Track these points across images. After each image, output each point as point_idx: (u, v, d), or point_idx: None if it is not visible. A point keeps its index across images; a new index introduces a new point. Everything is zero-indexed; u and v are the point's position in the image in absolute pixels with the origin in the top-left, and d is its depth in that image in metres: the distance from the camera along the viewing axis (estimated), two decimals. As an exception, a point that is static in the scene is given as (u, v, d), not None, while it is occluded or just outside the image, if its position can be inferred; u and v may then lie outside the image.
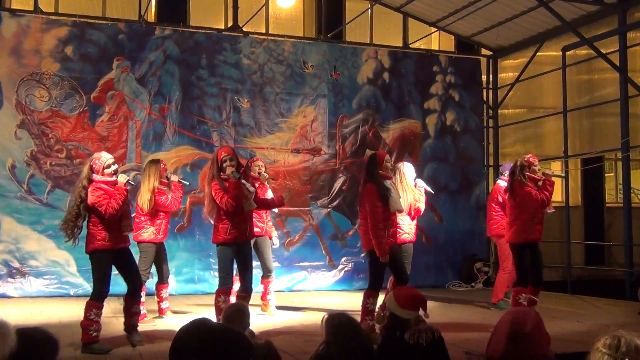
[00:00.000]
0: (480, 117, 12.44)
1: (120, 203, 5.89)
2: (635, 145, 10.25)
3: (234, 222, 6.36)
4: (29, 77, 9.74)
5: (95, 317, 5.85)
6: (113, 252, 5.97)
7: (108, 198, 5.85)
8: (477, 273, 11.46)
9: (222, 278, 6.47)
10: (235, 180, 6.34)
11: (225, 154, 6.47)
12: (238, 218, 6.38)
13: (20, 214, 9.52)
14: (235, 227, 6.37)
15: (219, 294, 6.40)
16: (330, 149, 11.20)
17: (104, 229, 5.90)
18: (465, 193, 12.03)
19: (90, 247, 5.95)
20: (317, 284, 10.83)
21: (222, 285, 6.44)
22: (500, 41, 12.31)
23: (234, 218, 6.36)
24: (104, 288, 5.97)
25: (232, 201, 6.26)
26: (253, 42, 11.00)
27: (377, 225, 6.29)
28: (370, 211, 6.33)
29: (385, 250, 6.28)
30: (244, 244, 6.53)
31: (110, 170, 6.01)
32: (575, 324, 7.38)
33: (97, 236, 5.90)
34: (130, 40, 10.29)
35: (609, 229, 13.58)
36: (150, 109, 10.27)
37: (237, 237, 6.39)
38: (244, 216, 6.45)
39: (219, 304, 6.32)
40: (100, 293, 5.95)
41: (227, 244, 6.40)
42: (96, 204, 5.82)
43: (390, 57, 11.77)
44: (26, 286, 9.42)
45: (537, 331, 2.93)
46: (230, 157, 6.44)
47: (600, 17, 10.55)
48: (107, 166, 6.01)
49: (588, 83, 11.19)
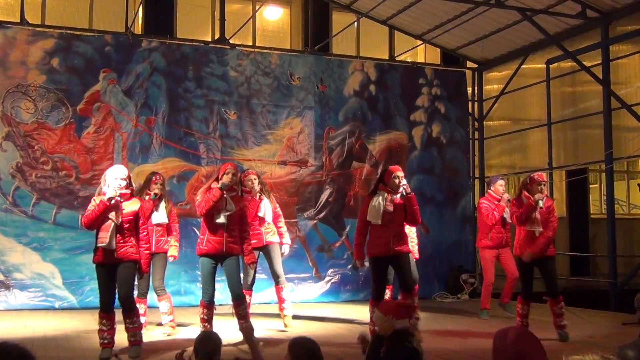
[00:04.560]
0: (465, 129, 12.51)
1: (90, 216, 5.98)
2: (618, 157, 10.36)
3: (209, 234, 6.56)
4: (15, 89, 9.70)
5: (103, 327, 6.02)
6: (109, 266, 6.01)
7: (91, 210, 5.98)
8: (463, 284, 11.50)
9: (202, 289, 6.72)
10: (218, 189, 6.44)
11: (231, 167, 6.66)
12: (212, 230, 6.55)
13: (5, 226, 9.44)
14: (209, 240, 6.56)
15: (200, 306, 6.72)
16: (316, 160, 11.23)
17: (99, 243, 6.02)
18: (451, 205, 12.08)
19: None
20: (303, 296, 10.80)
21: (202, 297, 6.70)
22: (486, 54, 12.42)
23: (209, 229, 6.57)
24: (103, 299, 6.07)
25: (203, 203, 6.49)
26: (240, 55, 11.03)
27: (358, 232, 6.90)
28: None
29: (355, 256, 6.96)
30: (222, 257, 6.59)
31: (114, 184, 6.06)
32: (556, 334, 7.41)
33: (96, 250, 6.06)
34: (117, 52, 10.28)
35: (594, 240, 13.70)
36: (137, 120, 10.25)
37: (210, 249, 6.55)
38: (218, 228, 6.54)
39: (200, 315, 6.66)
40: (102, 303, 6.07)
41: (203, 255, 6.63)
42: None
43: (376, 69, 11.83)
44: (11, 299, 9.33)
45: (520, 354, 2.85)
46: (234, 172, 6.63)
47: (584, 30, 10.68)
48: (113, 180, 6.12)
49: (572, 96, 11.31)
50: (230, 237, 6.60)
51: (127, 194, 6.13)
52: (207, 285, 6.62)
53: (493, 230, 8.71)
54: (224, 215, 6.50)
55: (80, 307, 9.39)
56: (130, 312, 6.13)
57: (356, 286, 11.17)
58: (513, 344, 2.83)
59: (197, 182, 10.38)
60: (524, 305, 7.29)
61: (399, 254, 6.80)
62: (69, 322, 8.21)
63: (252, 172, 7.84)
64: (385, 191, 6.73)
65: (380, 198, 6.70)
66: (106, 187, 6.05)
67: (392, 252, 6.75)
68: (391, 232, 6.73)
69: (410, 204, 6.75)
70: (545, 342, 2.88)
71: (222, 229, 6.54)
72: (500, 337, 2.89)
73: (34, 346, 6.34)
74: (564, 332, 7.15)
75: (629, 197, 15.67)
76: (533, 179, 7.28)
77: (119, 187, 6.04)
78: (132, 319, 6.12)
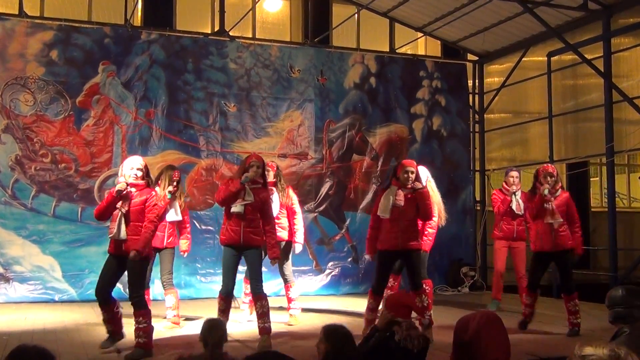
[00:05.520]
0: (466, 122, 12.48)
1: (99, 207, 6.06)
2: (619, 150, 10.32)
3: (228, 225, 6.46)
4: (14, 81, 9.67)
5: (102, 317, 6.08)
6: (118, 257, 5.97)
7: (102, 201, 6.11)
8: (463, 277, 11.49)
9: (222, 281, 6.53)
10: (238, 181, 6.35)
11: (255, 160, 6.49)
12: (230, 220, 6.44)
13: (5, 219, 9.43)
14: (228, 230, 6.44)
15: (218, 298, 6.55)
16: (317, 153, 11.20)
17: None
18: (451, 198, 12.02)
19: None
20: (304, 289, 10.76)
21: (221, 289, 6.52)
22: (486, 46, 12.38)
23: (227, 219, 6.47)
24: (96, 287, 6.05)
25: (221, 194, 6.42)
26: (240, 47, 10.98)
27: (370, 226, 6.82)
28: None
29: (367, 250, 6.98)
30: (242, 247, 6.43)
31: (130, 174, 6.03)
32: (561, 328, 7.40)
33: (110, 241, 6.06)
34: (116, 44, 10.24)
35: (594, 233, 13.67)
36: (136, 113, 10.22)
37: (228, 238, 6.44)
38: (235, 219, 6.40)
39: (218, 306, 6.50)
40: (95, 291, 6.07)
41: (224, 244, 6.51)
42: None
43: (376, 62, 11.79)
44: (10, 292, 9.32)
45: (482, 336, 2.78)
46: (259, 165, 6.47)
47: (585, 23, 10.63)
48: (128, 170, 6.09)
49: (573, 88, 11.27)
50: (249, 227, 6.41)
51: (142, 185, 6.03)
52: (225, 277, 6.45)
53: (503, 222, 8.80)
54: (240, 204, 6.36)
55: (80, 299, 9.38)
56: (136, 310, 5.88)
57: (356, 279, 11.17)
58: (476, 325, 2.80)
59: (197, 175, 10.38)
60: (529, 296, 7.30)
61: (408, 249, 6.65)
62: (69, 315, 8.20)
63: (269, 164, 7.68)
64: (397, 185, 6.64)
65: (390, 192, 6.64)
66: (121, 177, 6.03)
67: (401, 247, 6.61)
68: (400, 227, 6.57)
69: (422, 199, 6.59)
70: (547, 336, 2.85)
71: (239, 218, 6.39)
72: (459, 330, 2.87)
73: (34, 339, 6.35)
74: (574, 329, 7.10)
75: (630, 190, 15.65)
76: (545, 170, 7.30)
77: (135, 178, 5.96)
78: (137, 318, 5.86)
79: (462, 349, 2.80)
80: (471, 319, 2.87)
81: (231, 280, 6.46)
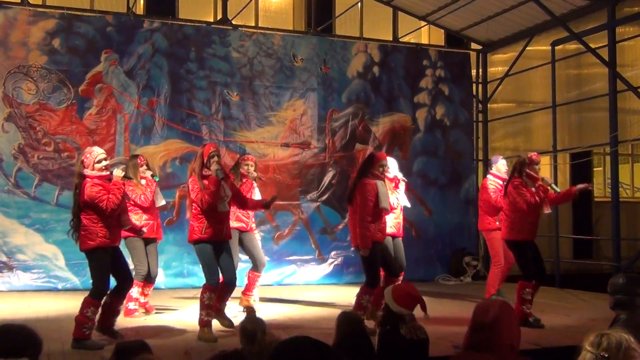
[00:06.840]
0: (469, 111, 12.45)
1: (120, 198, 5.85)
2: (623, 140, 10.29)
3: (209, 222, 6.20)
4: (16, 70, 9.65)
5: (91, 315, 5.83)
6: (112, 249, 5.93)
7: (107, 193, 5.77)
8: (465, 267, 11.50)
9: (208, 274, 6.30)
10: (216, 178, 6.17)
11: (214, 149, 6.38)
12: (214, 218, 6.21)
13: (8, 208, 9.44)
14: (210, 227, 6.20)
15: (205, 290, 6.25)
16: (319, 142, 11.18)
17: (105, 226, 5.81)
18: (454, 187, 12.05)
19: (91, 244, 5.83)
20: (306, 278, 10.82)
21: (208, 281, 6.28)
22: (490, 35, 12.32)
23: (210, 217, 6.20)
24: (105, 286, 5.92)
25: (208, 198, 6.11)
26: (242, 35, 10.95)
27: (365, 218, 6.47)
28: (361, 204, 6.49)
29: (367, 244, 6.47)
30: (221, 243, 6.36)
31: (101, 165, 5.88)
32: (563, 317, 7.42)
33: (99, 233, 5.80)
34: (119, 33, 10.21)
35: (597, 223, 13.67)
36: (139, 102, 10.21)
37: (212, 236, 6.22)
38: (220, 216, 6.28)
39: (204, 300, 6.21)
40: (100, 291, 5.89)
41: (203, 242, 6.27)
42: (96, 200, 5.71)
43: (380, 51, 11.75)
44: (14, 280, 9.35)
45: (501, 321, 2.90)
46: (218, 153, 6.37)
47: (590, 11, 10.56)
48: (98, 161, 5.87)
49: (577, 78, 11.23)
50: (229, 219, 6.54)
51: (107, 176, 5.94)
52: (213, 267, 6.31)
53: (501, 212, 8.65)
54: (225, 202, 6.32)
55: (84, 288, 9.32)
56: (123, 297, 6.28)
57: (359, 268, 11.07)
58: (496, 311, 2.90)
59: (200, 164, 10.35)
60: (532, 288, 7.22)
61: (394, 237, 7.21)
62: (72, 303, 8.12)
63: (250, 158, 7.69)
64: (378, 178, 6.65)
65: (381, 184, 6.63)
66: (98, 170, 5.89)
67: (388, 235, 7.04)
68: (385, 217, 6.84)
69: None
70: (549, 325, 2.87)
71: (223, 215, 6.35)
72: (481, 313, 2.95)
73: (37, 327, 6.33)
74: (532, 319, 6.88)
75: (633, 180, 15.63)
76: (531, 159, 7.09)
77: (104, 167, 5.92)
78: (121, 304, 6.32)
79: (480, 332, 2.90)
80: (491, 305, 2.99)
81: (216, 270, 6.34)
